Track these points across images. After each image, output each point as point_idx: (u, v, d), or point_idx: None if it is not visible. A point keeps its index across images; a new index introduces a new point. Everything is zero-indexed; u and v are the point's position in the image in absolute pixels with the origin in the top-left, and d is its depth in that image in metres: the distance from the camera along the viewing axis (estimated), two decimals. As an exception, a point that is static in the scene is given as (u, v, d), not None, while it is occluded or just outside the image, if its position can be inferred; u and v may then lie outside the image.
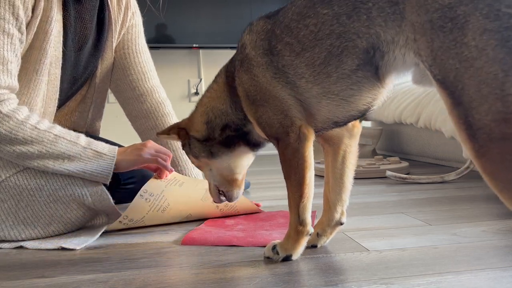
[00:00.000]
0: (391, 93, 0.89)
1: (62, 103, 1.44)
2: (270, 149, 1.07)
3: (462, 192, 1.68)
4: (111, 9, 1.47)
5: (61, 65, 1.31)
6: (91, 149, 1.18)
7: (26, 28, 1.18)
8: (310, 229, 0.94)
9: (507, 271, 0.85)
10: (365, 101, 0.87)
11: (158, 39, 3.33)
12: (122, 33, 1.54)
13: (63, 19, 1.29)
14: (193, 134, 1.06)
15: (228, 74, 1.00)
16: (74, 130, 1.25)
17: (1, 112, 1.11)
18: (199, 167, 1.12)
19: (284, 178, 0.94)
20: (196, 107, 1.07)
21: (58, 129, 1.18)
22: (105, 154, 1.20)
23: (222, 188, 1.10)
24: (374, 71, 0.82)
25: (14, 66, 1.16)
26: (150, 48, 1.70)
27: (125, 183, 1.61)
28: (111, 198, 1.23)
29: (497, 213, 1.36)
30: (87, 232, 1.22)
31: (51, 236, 1.19)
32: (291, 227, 0.95)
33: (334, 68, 0.84)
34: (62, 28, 1.28)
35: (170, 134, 1.11)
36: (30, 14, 1.18)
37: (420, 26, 0.72)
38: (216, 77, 1.05)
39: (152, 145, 1.29)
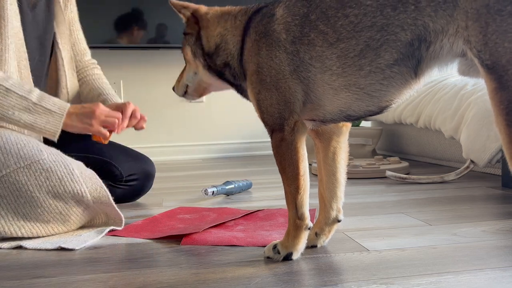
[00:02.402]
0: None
1: (37, 78, 1.45)
2: (270, 149, 1.08)
3: (462, 192, 1.68)
4: None
5: (20, 19, 1.33)
6: (41, 106, 1.23)
7: None
8: (309, 223, 0.95)
9: (507, 271, 0.86)
10: (390, 98, 0.85)
11: (158, 40, 3.32)
12: (68, 9, 1.60)
13: None
14: (202, 35, 1.03)
15: (252, 30, 0.95)
16: None
17: None
18: (187, 61, 1.09)
19: (279, 172, 0.94)
20: (220, 17, 1.02)
21: (11, 82, 1.22)
22: (54, 112, 1.25)
23: (189, 90, 1.12)
24: (414, 65, 0.80)
25: None
26: (151, 48, 1.72)
27: (126, 180, 1.63)
28: (110, 195, 1.24)
29: (497, 213, 1.36)
30: (87, 232, 1.22)
31: (51, 235, 1.20)
32: (290, 223, 0.95)
33: (368, 62, 0.82)
34: None
35: (180, 12, 1.08)
36: None
37: (475, 11, 0.72)
38: (245, 12, 1.00)
39: (101, 111, 1.32)
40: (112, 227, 1.25)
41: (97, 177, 1.24)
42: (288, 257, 0.95)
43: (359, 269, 0.89)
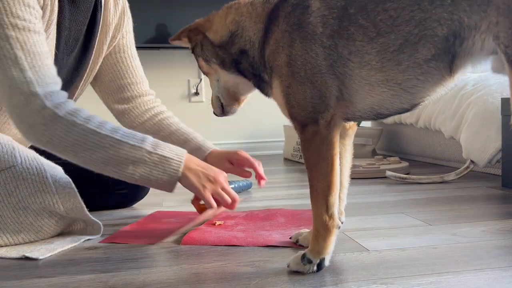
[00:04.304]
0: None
1: None
2: (270, 149, 1.07)
3: (462, 192, 1.68)
4: (107, 11, 1.40)
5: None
6: (157, 153, 1.09)
7: None
8: (339, 222, 0.91)
9: (507, 271, 0.86)
10: (424, 94, 0.84)
11: (158, 39, 3.32)
12: (117, 38, 1.47)
13: (57, 21, 1.23)
14: (209, 35, 1.02)
15: (282, 20, 0.92)
16: None
17: (57, 115, 1.03)
18: (207, 73, 1.09)
19: (309, 168, 0.89)
20: (227, 9, 1.01)
21: (121, 133, 1.09)
22: (171, 159, 1.10)
23: (223, 101, 1.09)
24: (449, 60, 0.80)
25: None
26: (151, 48, 1.68)
27: (116, 188, 1.53)
28: (84, 206, 1.17)
29: (497, 213, 1.36)
30: (60, 239, 1.15)
31: (21, 244, 1.12)
32: (319, 223, 0.89)
33: (407, 56, 0.81)
34: (56, 31, 1.23)
35: (181, 38, 1.07)
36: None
37: (506, 7, 0.72)
38: (267, 0, 0.97)
39: (223, 180, 1.17)
40: (88, 237, 1.17)
41: (73, 185, 1.15)
42: (320, 266, 0.89)
43: (359, 269, 0.89)
